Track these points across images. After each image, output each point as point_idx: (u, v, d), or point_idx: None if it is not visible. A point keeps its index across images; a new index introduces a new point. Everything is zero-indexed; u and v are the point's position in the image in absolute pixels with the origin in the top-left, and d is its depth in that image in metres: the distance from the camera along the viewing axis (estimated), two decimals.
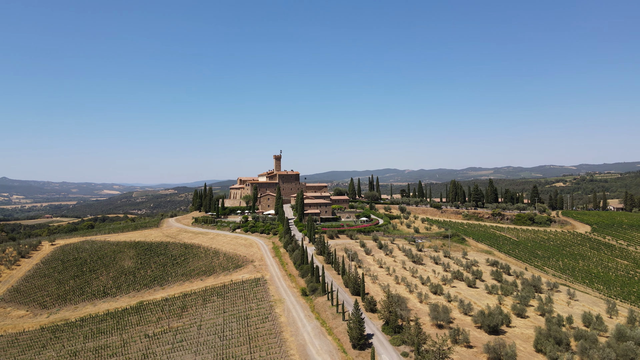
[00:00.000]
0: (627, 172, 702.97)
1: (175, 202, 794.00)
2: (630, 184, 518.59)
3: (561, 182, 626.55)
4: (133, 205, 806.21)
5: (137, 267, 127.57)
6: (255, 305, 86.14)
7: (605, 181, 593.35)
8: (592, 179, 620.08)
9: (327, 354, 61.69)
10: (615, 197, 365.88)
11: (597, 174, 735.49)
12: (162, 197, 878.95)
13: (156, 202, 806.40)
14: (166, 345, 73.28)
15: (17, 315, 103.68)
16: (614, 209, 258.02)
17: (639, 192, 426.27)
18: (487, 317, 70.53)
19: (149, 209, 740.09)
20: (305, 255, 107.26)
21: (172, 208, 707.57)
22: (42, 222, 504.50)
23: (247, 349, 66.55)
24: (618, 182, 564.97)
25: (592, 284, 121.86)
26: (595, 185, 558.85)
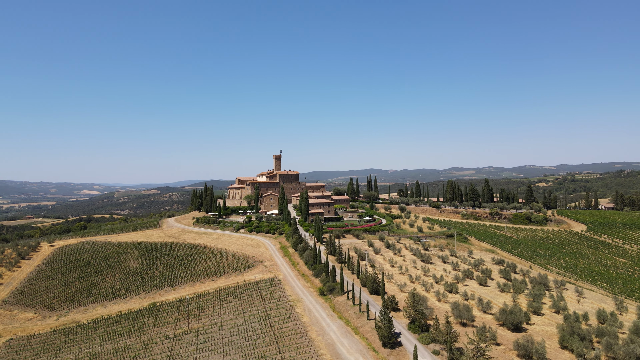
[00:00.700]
0: (606, 172, 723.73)
1: (159, 202, 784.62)
2: (610, 184, 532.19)
3: (544, 182, 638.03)
4: (116, 206, 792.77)
5: (144, 267, 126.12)
6: (274, 305, 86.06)
7: (586, 181, 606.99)
8: (574, 179, 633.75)
9: (358, 353, 62.09)
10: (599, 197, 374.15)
11: (578, 174, 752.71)
12: (145, 198, 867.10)
13: (139, 203, 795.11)
14: (190, 346, 72.79)
15: (25, 317, 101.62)
16: (605, 208, 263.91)
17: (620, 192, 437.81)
18: (510, 315, 71.76)
19: (132, 209, 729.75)
20: (318, 255, 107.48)
21: (156, 208, 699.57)
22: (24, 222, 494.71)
23: (276, 349, 66.55)
24: (599, 182, 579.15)
25: (595, 281, 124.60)
26: (576, 185, 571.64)
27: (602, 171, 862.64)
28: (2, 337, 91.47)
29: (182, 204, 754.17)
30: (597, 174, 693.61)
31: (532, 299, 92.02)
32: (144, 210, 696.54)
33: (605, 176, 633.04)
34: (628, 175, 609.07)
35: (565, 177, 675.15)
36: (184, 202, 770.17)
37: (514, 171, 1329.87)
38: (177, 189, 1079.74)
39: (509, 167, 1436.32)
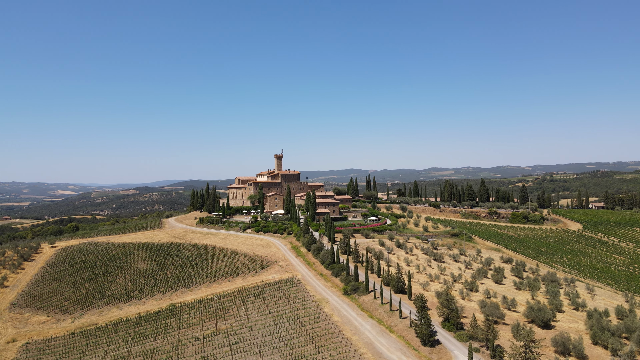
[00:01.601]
0: (582, 173, 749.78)
1: (138, 202, 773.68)
2: (588, 184, 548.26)
3: (523, 182, 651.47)
4: (94, 206, 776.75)
5: (154, 268, 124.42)
6: (301, 305, 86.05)
7: (564, 181, 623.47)
8: (552, 179, 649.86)
9: (399, 352, 62.67)
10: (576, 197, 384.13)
11: (555, 174, 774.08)
12: (124, 198, 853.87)
13: (118, 203, 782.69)
14: (222, 347, 72.31)
15: (38, 321, 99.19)
16: (595, 207, 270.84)
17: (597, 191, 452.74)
18: (539, 312, 73.34)
19: (112, 209, 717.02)
20: (337, 255, 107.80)
21: (137, 209, 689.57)
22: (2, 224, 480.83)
23: (313, 349, 66.65)
24: (576, 181, 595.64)
25: (600, 279, 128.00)
26: (555, 184, 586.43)
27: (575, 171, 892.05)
28: (18, 342, 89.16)
29: (164, 204, 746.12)
30: (574, 174, 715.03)
31: (549, 296, 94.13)
32: (124, 210, 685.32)
33: (582, 176, 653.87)
34: (604, 175, 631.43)
35: (544, 177, 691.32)
36: (166, 202, 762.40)
37: (491, 171, 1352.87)
38: (156, 189, 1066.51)
39: (487, 168, 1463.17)
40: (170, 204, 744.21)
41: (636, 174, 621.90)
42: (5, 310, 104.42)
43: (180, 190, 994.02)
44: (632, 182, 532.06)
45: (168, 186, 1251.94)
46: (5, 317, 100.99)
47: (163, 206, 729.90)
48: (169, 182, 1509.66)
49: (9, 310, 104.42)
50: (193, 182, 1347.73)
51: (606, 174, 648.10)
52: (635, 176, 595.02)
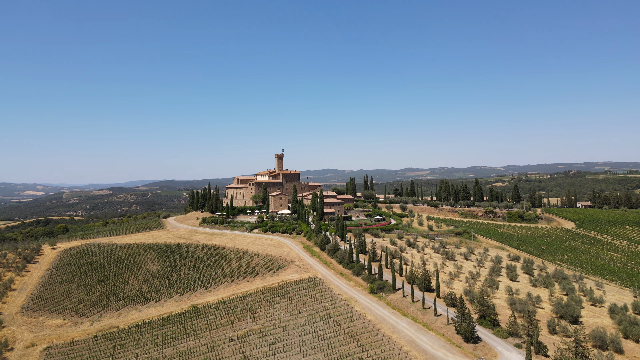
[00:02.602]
0: (555, 173, 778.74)
1: (114, 203, 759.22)
2: (563, 184, 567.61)
3: (499, 182, 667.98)
4: (66, 207, 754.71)
5: (166, 270, 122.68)
6: (329, 304, 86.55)
7: (539, 181, 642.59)
8: (527, 179, 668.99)
9: (444, 349, 63.91)
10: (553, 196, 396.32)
11: (529, 174, 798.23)
12: (97, 199, 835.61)
13: (92, 204, 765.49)
14: (260, 348, 72.20)
15: (54, 324, 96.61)
16: (582, 206, 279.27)
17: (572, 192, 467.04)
18: (568, 308, 75.91)
19: (86, 210, 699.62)
20: (357, 255, 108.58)
21: (113, 210, 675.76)
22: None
23: (356, 347, 67.33)
24: (551, 182, 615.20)
25: (603, 275, 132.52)
26: (531, 184, 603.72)
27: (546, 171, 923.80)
28: (37, 346, 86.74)
29: (141, 204, 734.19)
30: (547, 175, 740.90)
31: (565, 292, 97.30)
32: (99, 211, 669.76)
33: (555, 176, 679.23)
34: (576, 175, 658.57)
35: (519, 178, 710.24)
36: (143, 202, 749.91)
37: (466, 171, 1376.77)
38: (130, 190, 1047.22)
39: (462, 168, 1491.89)
40: (148, 205, 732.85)
41: (606, 174, 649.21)
42: (18, 314, 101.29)
43: (157, 191, 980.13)
44: (604, 182, 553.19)
45: (142, 186, 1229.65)
46: (19, 321, 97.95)
47: (140, 207, 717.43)
48: (142, 183, 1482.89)
49: (22, 314, 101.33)
50: (169, 183, 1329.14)
51: (578, 174, 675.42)
52: (606, 176, 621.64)
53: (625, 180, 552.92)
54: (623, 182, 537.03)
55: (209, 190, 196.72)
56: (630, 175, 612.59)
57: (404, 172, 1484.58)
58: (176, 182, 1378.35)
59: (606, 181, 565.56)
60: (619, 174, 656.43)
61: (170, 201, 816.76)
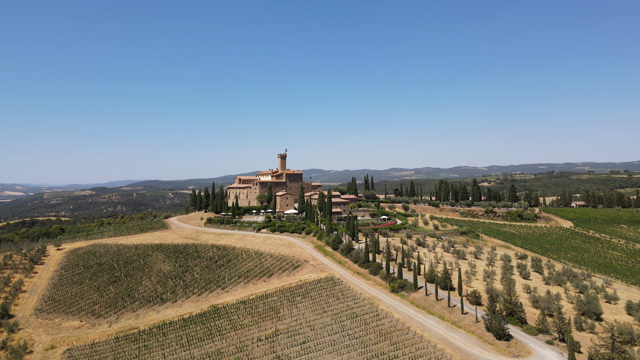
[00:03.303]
0: (539, 173, 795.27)
1: (98, 203, 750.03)
2: (547, 184, 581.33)
3: (486, 182, 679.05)
4: (48, 208, 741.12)
5: (178, 270, 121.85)
6: (353, 303, 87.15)
7: (524, 181, 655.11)
8: (513, 179, 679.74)
9: (477, 346, 65.00)
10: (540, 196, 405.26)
11: (514, 174, 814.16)
12: (81, 199, 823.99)
13: (75, 204, 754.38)
14: (291, 347, 72.42)
15: (71, 326, 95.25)
16: (576, 205, 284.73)
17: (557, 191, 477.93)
18: (590, 305, 77.90)
19: (69, 211, 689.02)
20: (373, 254, 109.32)
21: (97, 210, 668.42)
22: None
23: (389, 345, 68.06)
24: (537, 182, 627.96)
25: (607, 273, 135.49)
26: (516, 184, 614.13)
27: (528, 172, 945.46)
28: (57, 348, 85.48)
29: (127, 205, 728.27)
30: (531, 175, 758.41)
31: (579, 290, 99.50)
32: (83, 212, 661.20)
33: (540, 176, 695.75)
34: (560, 175, 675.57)
35: (505, 177, 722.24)
36: (128, 203, 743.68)
37: (450, 172, 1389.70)
38: (114, 190, 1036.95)
39: (446, 168, 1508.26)
40: (134, 205, 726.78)
41: (590, 175, 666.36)
42: (32, 316, 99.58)
43: (141, 191, 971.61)
44: (588, 182, 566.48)
45: (126, 187, 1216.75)
46: (34, 323, 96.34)
47: (126, 207, 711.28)
48: (125, 183, 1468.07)
49: (36, 316, 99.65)
50: (152, 183, 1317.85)
51: (562, 174, 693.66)
52: (590, 176, 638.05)
53: (608, 180, 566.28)
54: (607, 182, 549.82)
55: (213, 191, 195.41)
56: (613, 175, 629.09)
57: (389, 172, 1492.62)
58: (160, 182, 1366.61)
59: (590, 181, 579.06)
60: (602, 174, 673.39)
61: (156, 201, 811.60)
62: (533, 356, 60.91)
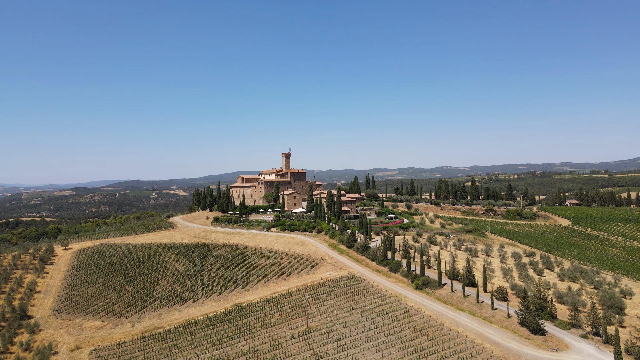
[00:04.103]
0: (522, 173, 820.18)
1: (79, 204, 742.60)
2: (532, 183, 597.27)
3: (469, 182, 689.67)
4: (28, 208, 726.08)
5: (193, 269, 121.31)
6: (380, 300, 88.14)
7: (508, 181, 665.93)
8: (497, 179, 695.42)
9: (515, 341, 66.59)
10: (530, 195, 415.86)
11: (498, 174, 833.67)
12: (61, 199, 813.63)
13: (56, 205, 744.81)
14: (328, 344, 73.01)
15: (93, 326, 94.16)
16: (569, 204, 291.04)
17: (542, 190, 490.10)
18: (615, 300, 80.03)
19: (50, 211, 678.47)
20: (393, 252, 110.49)
21: (80, 211, 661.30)
22: None
23: (427, 341, 69.15)
24: (520, 181, 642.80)
25: (612, 269, 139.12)
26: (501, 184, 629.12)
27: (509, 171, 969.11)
28: (83, 348, 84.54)
29: (110, 205, 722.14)
30: (514, 175, 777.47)
31: (593, 286, 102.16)
32: (65, 212, 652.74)
33: (523, 176, 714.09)
34: (543, 175, 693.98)
35: (490, 177, 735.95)
36: (112, 203, 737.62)
37: (433, 172, 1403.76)
38: (95, 190, 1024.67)
39: (429, 168, 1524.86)
40: (117, 206, 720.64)
41: (572, 174, 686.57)
42: (51, 317, 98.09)
43: (124, 191, 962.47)
44: (571, 182, 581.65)
45: (106, 187, 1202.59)
46: (54, 324, 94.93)
47: (110, 207, 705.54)
48: (105, 183, 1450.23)
49: (55, 317, 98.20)
50: (134, 183, 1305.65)
51: (545, 174, 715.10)
52: (572, 176, 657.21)
53: (590, 180, 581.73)
54: (589, 182, 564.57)
55: (218, 190, 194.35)
56: (595, 175, 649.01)
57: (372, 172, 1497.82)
58: (142, 183, 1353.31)
59: (573, 181, 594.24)
60: (584, 174, 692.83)
61: (140, 202, 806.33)
62: (571, 350, 62.65)
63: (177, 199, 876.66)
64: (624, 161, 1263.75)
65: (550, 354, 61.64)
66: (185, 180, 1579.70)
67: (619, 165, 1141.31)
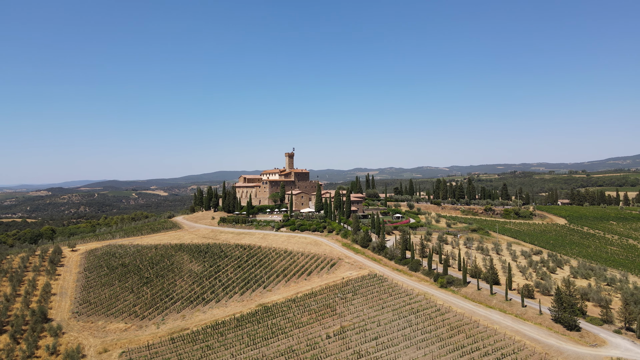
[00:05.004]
0: (501, 173, 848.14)
1: (57, 204, 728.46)
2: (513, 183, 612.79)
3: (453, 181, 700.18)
4: (4, 209, 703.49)
5: (209, 270, 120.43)
6: (408, 299, 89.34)
7: (490, 181, 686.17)
8: (479, 179, 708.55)
9: (552, 337, 68.52)
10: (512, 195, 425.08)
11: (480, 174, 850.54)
12: (37, 200, 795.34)
13: (33, 205, 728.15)
14: (366, 343, 73.77)
15: (117, 328, 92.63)
16: (561, 203, 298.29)
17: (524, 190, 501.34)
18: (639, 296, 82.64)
19: (26, 212, 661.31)
20: (412, 251, 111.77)
21: (58, 212, 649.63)
22: None
23: (465, 338, 70.52)
24: (502, 181, 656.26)
25: (615, 267, 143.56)
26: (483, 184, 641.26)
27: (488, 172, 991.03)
28: (111, 351, 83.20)
29: (90, 205, 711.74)
30: (495, 175, 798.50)
31: (606, 283, 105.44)
32: (42, 213, 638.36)
33: (504, 176, 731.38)
34: (524, 175, 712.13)
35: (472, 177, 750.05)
36: (92, 204, 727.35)
37: (413, 172, 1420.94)
38: (72, 190, 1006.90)
39: (409, 168, 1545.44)
40: (98, 206, 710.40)
41: (552, 175, 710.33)
42: (71, 320, 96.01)
43: (102, 192, 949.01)
44: (552, 182, 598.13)
45: (83, 187, 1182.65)
46: (76, 327, 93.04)
47: (90, 208, 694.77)
48: (82, 183, 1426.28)
49: (75, 320, 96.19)
50: (112, 183, 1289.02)
51: (525, 174, 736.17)
52: (552, 176, 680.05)
53: (570, 180, 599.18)
54: (568, 182, 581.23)
55: (224, 190, 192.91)
56: (573, 175, 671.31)
57: (353, 172, 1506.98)
58: (120, 183, 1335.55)
59: (553, 181, 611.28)
60: (563, 174, 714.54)
61: (120, 202, 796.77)
62: (609, 345, 64.81)
63: (159, 199, 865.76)
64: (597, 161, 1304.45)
65: (590, 349, 63.62)
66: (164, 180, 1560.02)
67: (592, 165, 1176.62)
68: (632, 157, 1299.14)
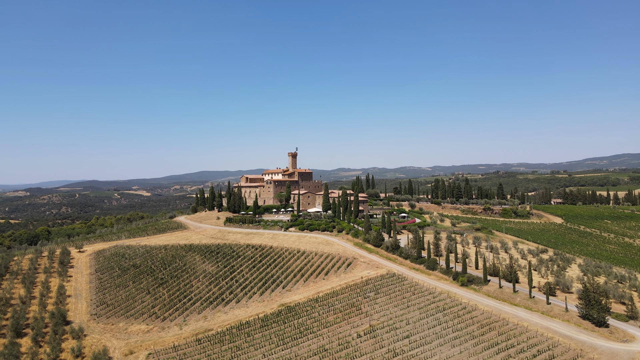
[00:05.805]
0: (485, 173, 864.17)
1: (36, 205, 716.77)
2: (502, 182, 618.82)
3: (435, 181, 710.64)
4: None
5: (224, 270, 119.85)
6: (432, 297, 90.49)
7: (475, 181, 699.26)
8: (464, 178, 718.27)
9: (583, 334, 70.31)
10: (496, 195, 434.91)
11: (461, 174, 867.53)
12: (16, 200, 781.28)
13: (11, 206, 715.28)
14: (397, 341, 74.49)
15: (140, 330, 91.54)
16: (554, 203, 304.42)
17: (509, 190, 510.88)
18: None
19: (4, 213, 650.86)
20: (427, 250, 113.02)
21: (39, 212, 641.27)
22: None
23: (497, 335, 71.84)
24: (487, 181, 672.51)
25: (619, 264, 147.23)
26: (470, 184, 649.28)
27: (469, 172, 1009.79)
28: (137, 353, 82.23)
29: (72, 206, 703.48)
30: (479, 175, 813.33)
31: (617, 280, 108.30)
32: (22, 214, 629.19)
33: (489, 176, 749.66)
34: (507, 175, 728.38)
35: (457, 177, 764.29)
36: (74, 204, 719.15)
37: (397, 172, 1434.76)
38: (51, 191, 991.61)
39: (392, 168, 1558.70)
40: (80, 207, 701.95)
41: (535, 174, 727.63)
42: (91, 322, 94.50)
43: (83, 192, 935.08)
44: (535, 182, 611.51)
45: (63, 187, 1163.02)
46: (97, 329, 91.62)
47: (72, 209, 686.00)
48: (61, 183, 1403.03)
49: (95, 322, 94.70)
50: (92, 183, 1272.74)
51: (508, 174, 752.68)
52: (536, 176, 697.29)
53: (553, 180, 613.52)
54: (552, 182, 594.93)
55: (228, 190, 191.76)
56: (556, 175, 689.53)
57: (337, 172, 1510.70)
58: (100, 183, 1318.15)
59: (537, 180, 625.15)
60: (546, 174, 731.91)
61: (102, 202, 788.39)
62: (637, 340, 66.75)
63: (142, 199, 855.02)
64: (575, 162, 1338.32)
65: (622, 345, 65.51)
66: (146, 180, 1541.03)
67: (571, 165, 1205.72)
68: (608, 157, 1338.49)
